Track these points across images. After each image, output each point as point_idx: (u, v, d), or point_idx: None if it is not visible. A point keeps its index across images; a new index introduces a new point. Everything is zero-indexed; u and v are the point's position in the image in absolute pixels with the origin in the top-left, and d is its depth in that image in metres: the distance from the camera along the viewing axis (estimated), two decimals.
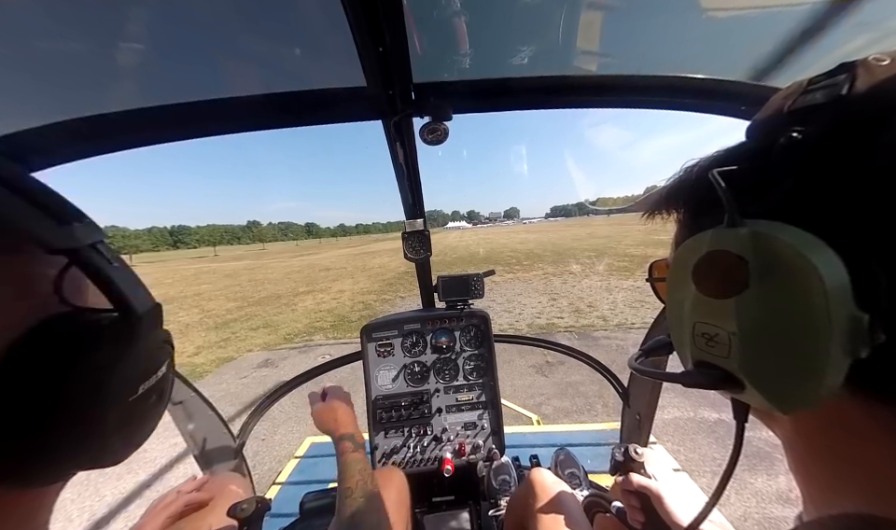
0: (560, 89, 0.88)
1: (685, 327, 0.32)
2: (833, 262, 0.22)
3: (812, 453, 0.30)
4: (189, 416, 1.33)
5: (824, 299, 0.22)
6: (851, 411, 0.26)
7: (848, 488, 0.27)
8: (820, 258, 0.23)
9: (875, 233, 0.22)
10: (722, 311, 0.28)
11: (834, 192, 0.24)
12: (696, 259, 0.29)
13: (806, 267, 0.23)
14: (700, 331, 0.30)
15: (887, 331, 0.22)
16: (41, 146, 0.78)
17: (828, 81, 0.27)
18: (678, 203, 0.36)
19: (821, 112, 0.26)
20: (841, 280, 0.22)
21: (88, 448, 0.28)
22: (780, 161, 0.26)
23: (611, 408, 3.51)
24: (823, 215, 0.24)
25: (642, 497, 0.74)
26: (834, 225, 0.23)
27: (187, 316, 10.72)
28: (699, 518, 0.41)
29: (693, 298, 0.30)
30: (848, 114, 0.25)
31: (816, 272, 0.22)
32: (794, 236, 0.24)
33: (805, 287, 0.23)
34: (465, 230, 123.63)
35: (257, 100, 0.83)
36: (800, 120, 0.26)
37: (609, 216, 58.22)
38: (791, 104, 0.28)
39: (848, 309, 0.22)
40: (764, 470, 2.53)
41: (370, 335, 1.50)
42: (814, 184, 0.25)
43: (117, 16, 0.58)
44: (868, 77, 0.24)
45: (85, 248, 0.28)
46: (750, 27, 0.71)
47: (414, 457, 1.43)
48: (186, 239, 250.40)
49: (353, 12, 0.58)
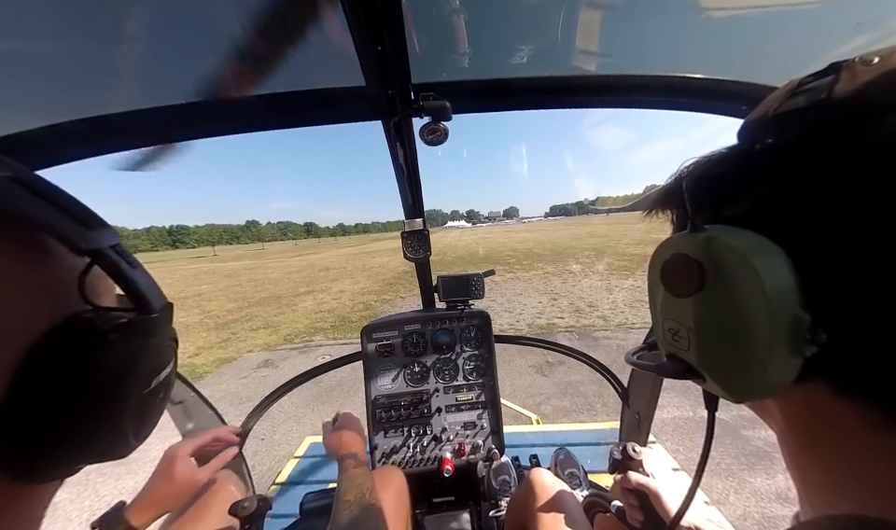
0: (560, 89, 0.88)
1: (658, 323, 0.35)
2: (779, 266, 0.24)
3: (805, 450, 0.30)
4: (189, 416, 1.33)
5: (763, 299, 0.24)
6: (834, 408, 0.26)
7: (842, 487, 0.27)
8: (763, 261, 0.24)
9: (828, 241, 0.23)
10: (682, 309, 0.31)
11: (796, 199, 0.25)
12: (663, 261, 0.32)
13: (748, 270, 0.25)
14: (667, 327, 0.33)
15: (835, 332, 0.23)
16: (41, 147, 0.78)
17: (813, 84, 0.27)
18: (670, 205, 0.37)
19: (801, 116, 0.27)
20: (783, 283, 0.24)
21: (101, 442, 0.29)
22: (756, 167, 0.27)
23: (611, 407, 3.52)
24: (784, 221, 0.25)
25: (641, 496, 0.75)
26: (792, 231, 0.25)
27: (187, 317, 10.71)
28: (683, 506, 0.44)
29: (662, 296, 0.33)
30: (823, 120, 0.25)
31: (756, 275, 0.24)
32: (741, 240, 0.26)
33: (746, 288, 0.25)
34: (464, 230, 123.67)
35: (256, 100, 0.83)
36: (783, 124, 0.28)
37: (609, 216, 58.35)
38: (776, 107, 0.29)
39: (790, 309, 0.24)
40: (763, 469, 2.54)
41: (370, 335, 1.50)
42: (782, 190, 0.26)
43: (117, 16, 0.58)
44: (851, 80, 0.25)
45: (107, 249, 0.29)
46: (750, 27, 0.71)
47: (414, 457, 1.43)
48: (185, 239, 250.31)
49: (352, 12, 0.58)
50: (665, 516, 0.69)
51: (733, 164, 0.29)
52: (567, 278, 11.43)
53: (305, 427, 3.77)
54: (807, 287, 0.24)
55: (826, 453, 0.28)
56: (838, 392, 0.25)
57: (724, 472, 2.55)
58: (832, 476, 0.28)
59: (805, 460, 0.31)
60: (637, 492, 0.75)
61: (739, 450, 2.74)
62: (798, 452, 0.31)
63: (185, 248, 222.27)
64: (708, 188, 0.30)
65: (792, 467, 0.32)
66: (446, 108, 0.82)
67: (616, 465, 0.80)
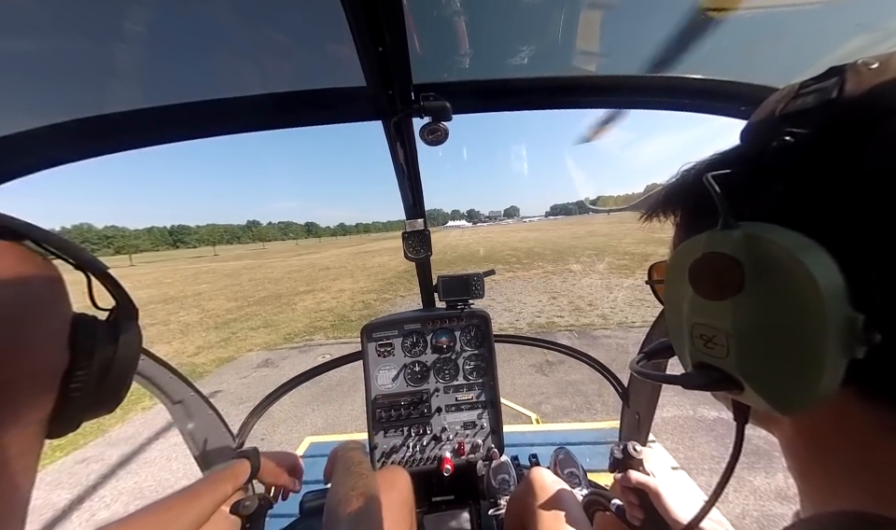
0: (560, 89, 0.88)
1: (684, 329, 0.32)
2: (826, 263, 0.23)
3: (812, 453, 0.30)
4: (189, 415, 1.33)
5: (818, 299, 0.22)
6: (853, 413, 0.26)
7: (848, 488, 0.27)
8: (813, 259, 0.23)
9: (866, 235, 0.23)
10: (719, 312, 0.28)
11: (826, 195, 0.24)
12: (692, 261, 0.30)
13: (800, 268, 0.23)
14: (698, 333, 0.31)
15: (883, 331, 0.22)
16: (42, 147, 0.78)
17: (818, 85, 0.27)
18: (675, 206, 0.36)
19: (812, 115, 0.26)
20: (834, 281, 0.23)
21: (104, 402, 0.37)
22: (773, 164, 0.27)
23: (611, 407, 3.52)
24: (815, 217, 0.24)
25: (641, 494, 0.75)
26: (827, 227, 0.24)
27: (187, 316, 10.72)
28: (699, 516, 0.42)
29: (691, 299, 0.31)
30: (839, 117, 0.25)
31: (809, 274, 0.23)
32: (787, 238, 0.24)
33: (799, 289, 0.23)
34: (465, 229, 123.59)
35: (257, 100, 0.83)
36: (792, 124, 0.27)
37: (609, 215, 58.22)
38: (782, 107, 0.29)
39: (843, 309, 0.22)
40: (763, 469, 2.54)
41: (370, 335, 1.50)
42: (806, 187, 0.25)
43: (117, 16, 0.58)
44: (857, 81, 0.25)
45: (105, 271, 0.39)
46: (750, 28, 0.71)
47: (414, 456, 1.43)
48: (186, 238, 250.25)
49: (353, 12, 0.58)
50: (665, 515, 0.70)
51: (750, 163, 0.28)
52: (567, 277, 11.44)
53: (305, 427, 3.78)
54: (855, 286, 0.22)
55: (835, 457, 0.28)
56: (864, 397, 0.25)
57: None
58: (837, 478, 0.28)
59: (810, 463, 0.30)
60: (638, 490, 0.75)
61: None
62: (804, 454, 0.31)
63: (186, 248, 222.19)
64: (724, 187, 0.28)
65: (796, 468, 0.32)
66: (446, 108, 0.82)
67: (617, 463, 0.81)
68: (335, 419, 3.91)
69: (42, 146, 0.78)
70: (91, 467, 3.32)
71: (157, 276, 28.51)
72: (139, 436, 3.86)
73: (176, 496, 0.72)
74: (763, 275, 0.25)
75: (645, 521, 0.74)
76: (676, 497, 0.71)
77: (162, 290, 18.48)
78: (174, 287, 19.46)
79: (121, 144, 0.85)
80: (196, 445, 1.35)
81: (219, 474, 0.82)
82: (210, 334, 8.35)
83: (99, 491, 2.97)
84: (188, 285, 20.00)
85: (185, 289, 18.24)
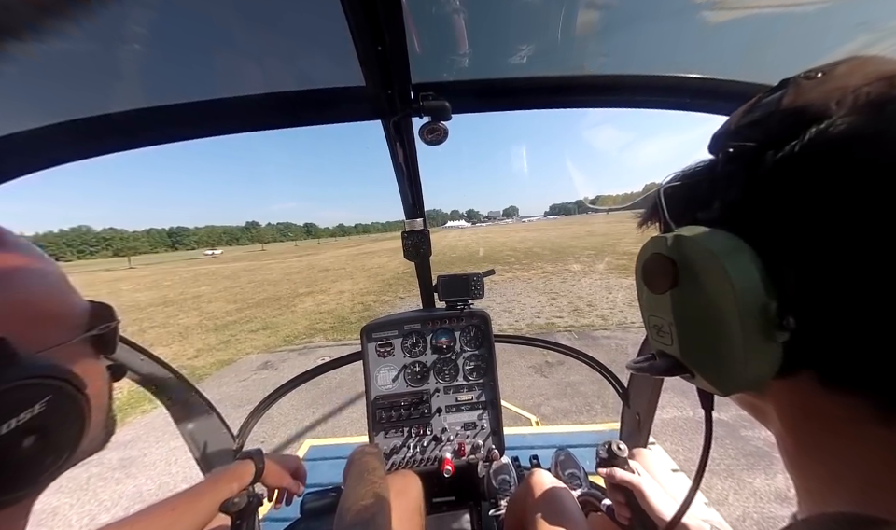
0: (559, 89, 0.88)
1: (644, 321, 0.37)
2: (745, 260, 0.26)
3: (800, 449, 0.31)
4: (189, 416, 1.33)
5: (731, 290, 0.26)
6: (824, 404, 0.27)
7: (838, 484, 0.27)
8: (732, 256, 0.26)
9: (783, 235, 0.26)
10: (662, 305, 0.33)
11: (755, 201, 0.27)
12: (643, 261, 0.34)
13: (716, 263, 0.27)
14: (652, 323, 0.35)
15: (803, 318, 0.25)
16: (42, 147, 0.78)
17: (768, 98, 0.30)
18: (657, 214, 0.39)
19: (755, 128, 0.29)
20: (749, 274, 0.26)
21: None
22: (721, 175, 0.30)
23: (611, 408, 3.52)
24: (747, 220, 0.28)
25: (627, 493, 0.76)
26: (752, 229, 0.27)
27: (186, 319, 10.70)
28: (680, 512, 0.45)
29: (646, 295, 0.35)
30: (771, 129, 0.28)
31: (722, 268, 0.26)
32: (711, 239, 0.28)
33: (715, 280, 0.27)
34: (464, 230, 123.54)
35: (256, 100, 0.83)
36: (741, 137, 0.30)
37: (608, 214, 58.34)
38: (737, 120, 0.32)
39: (759, 299, 0.25)
40: (763, 470, 2.54)
41: (370, 335, 1.49)
42: (743, 194, 0.28)
43: (117, 16, 0.58)
44: (796, 93, 0.28)
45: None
46: (750, 27, 0.71)
47: (414, 457, 1.42)
48: (184, 240, 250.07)
49: (352, 12, 0.58)
50: (650, 512, 0.71)
51: (703, 173, 0.33)
52: (567, 277, 11.44)
53: (304, 428, 3.77)
54: (773, 278, 0.26)
55: (819, 451, 0.29)
56: (823, 385, 0.27)
57: (724, 472, 2.55)
58: (826, 473, 0.29)
59: (800, 459, 0.31)
60: (623, 489, 0.76)
61: (739, 450, 2.75)
62: (794, 451, 0.32)
63: (185, 249, 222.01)
64: (684, 195, 0.33)
65: (790, 466, 0.33)
66: (446, 108, 0.82)
67: (602, 463, 0.81)
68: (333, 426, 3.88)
69: (42, 146, 0.78)
70: (90, 471, 3.32)
71: (155, 279, 28.47)
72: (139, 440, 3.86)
73: (179, 497, 0.72)
74: (690, 271, 0.29)
75: (632, 519, 0.75)
76: (659, 495, 0.72)
77: (161, 293, 18.45)
78: (173, 290, 19.43)
79: (121, 144, 0.85)
80: (196, 446, 1.35)
81: (223, 475, 0.82)
82: (209, 336, 8.33)
83: (99, 494, 2.97)
84: (187, 287, 19.97)
85: (185, 291, 18.22)
